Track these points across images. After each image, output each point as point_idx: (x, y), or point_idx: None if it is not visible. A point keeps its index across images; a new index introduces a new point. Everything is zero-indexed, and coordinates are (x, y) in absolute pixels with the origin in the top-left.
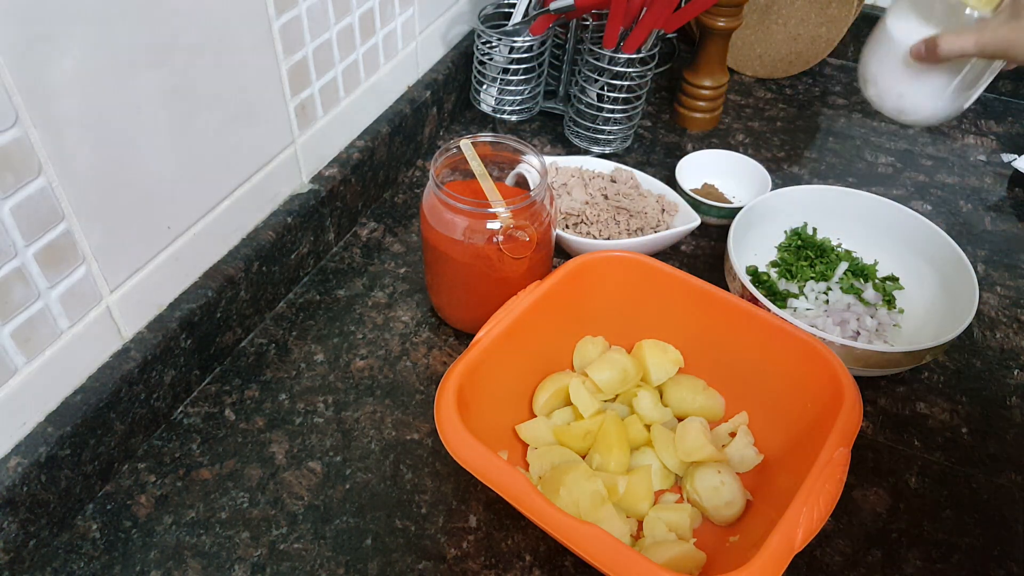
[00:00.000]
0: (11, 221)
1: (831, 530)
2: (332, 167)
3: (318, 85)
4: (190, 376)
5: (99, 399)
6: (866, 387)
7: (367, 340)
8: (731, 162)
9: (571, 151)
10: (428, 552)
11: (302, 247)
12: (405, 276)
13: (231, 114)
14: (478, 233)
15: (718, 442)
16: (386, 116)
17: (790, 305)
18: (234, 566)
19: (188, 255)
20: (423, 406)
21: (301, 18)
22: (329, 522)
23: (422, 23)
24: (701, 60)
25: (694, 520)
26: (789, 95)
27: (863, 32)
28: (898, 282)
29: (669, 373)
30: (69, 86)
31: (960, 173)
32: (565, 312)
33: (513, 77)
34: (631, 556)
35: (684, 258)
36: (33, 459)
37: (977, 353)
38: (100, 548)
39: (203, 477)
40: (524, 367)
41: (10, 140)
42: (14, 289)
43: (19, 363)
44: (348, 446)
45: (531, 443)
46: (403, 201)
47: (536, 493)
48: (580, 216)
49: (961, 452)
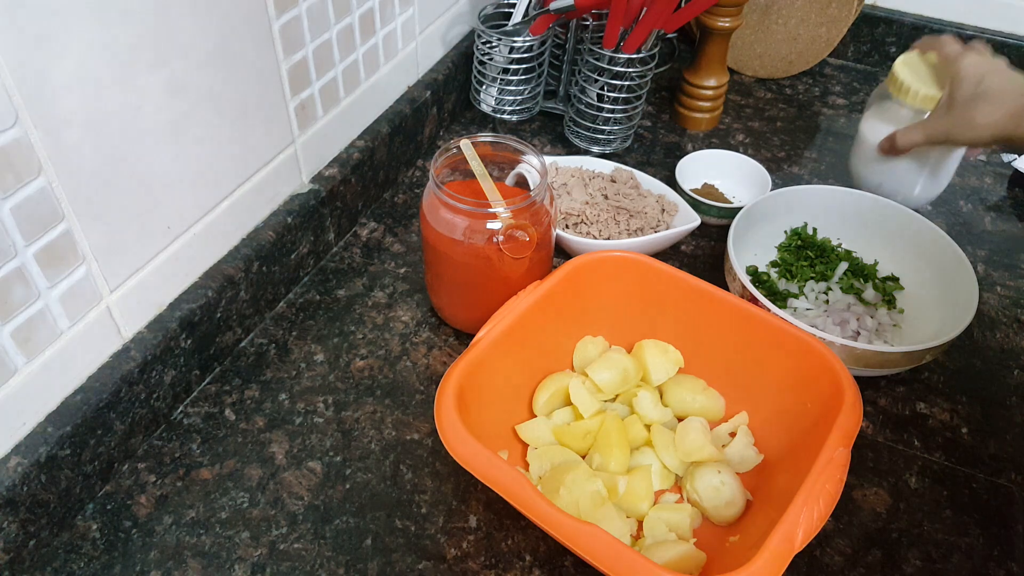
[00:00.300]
0: (11, 221)
1: (831, 530)
2: (332, 167)
3: (318, 85)
4: (190, 376)
5: (99, 399)
6: (866, 387)
7: (367, 340)
8: (731, 162)
9: (571, 151)
10: (428, 552)
11: (302, 247)
12: (405, 276)
13: (231, 114)
14: (478, 233)
15: (718, 442)
16: (386, 116)
17: (790, 305)
18: (234, 566)
19: (188, 255)
20: (423, 406)
21: (301, 18)
22: (329, 522)
23: (422, 23)
24: (701, 60)
25: (694, 520)
26: (789, 95)
27: (863, 32)
28: (898, 282)
29: (669, 373)
30: (69, 86)
31: (960, 173)
32: (565, 312)
33: (513, 77)
34: (631, 556)
35: (684, 258)
36: (33, 459)
37: (977, 353)
38: (100, 548)
39: (203, 477)
40: (524, 367)
41: (10, 140)
42: (14, 289)
43: (19, 363)
44: (348, 446)
45: (531, 443)
46: (403, 201)
47: (536, 493)
48: (580, 216)
49: (961, 452)
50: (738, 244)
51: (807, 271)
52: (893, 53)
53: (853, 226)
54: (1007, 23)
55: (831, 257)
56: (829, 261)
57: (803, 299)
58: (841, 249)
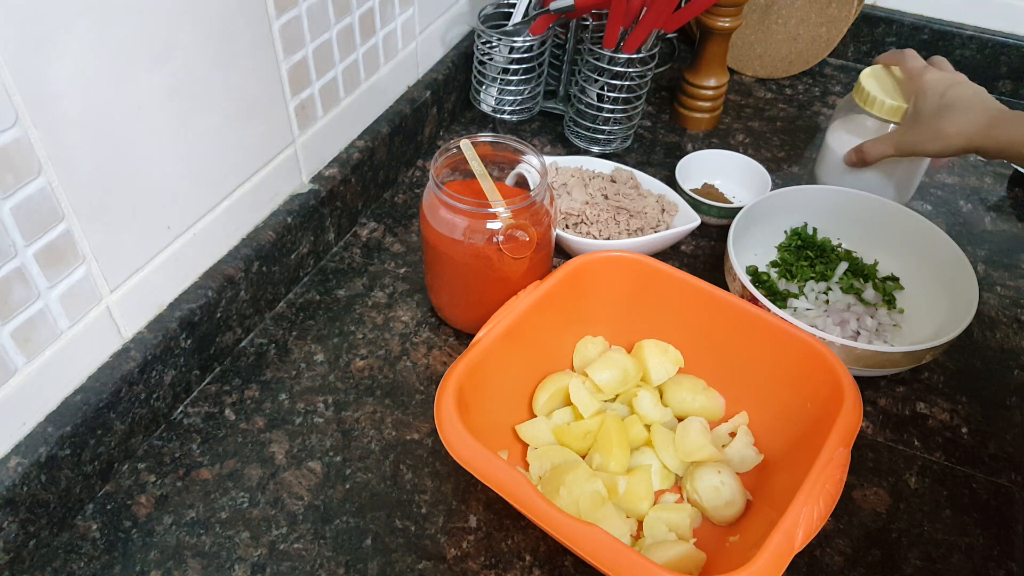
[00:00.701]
0: (11, 221)
1: (831, 530)
2: (332, 167)
3: (318, 85)
4: (190, 376)
5: (99, 399)
6: (866, 387)
7: (367, 340)
8: (731, 162)
9: (571, 151)
10: (428, 552)
11: (302, 247)
12: (405, 276)
13: (231, 114)
14: (478, 233)
15: (718, 442)
16: (386, 116)
17: (790, 305)
18: (234, 566)
19: (188, 255)
20: (423, 406)
21: (301, 18)
22: (329, 522)
23: (422, 23)
24: (701, 60)
25: (694, 520)
26: (789, 95)
27: (863, 32)
28: (898, 282)
29: (669, 373)
30: (69, 86)
31: (960, 173)
32: (565, 312)
33: (513, 77)
34: (631, 556)
35: (684, 258)
36: (33, 459)
37: (977, 353)
38: (100, 548)
39: (203, 477)
40: (524, 367)
41: (10, 140)
42: (14, 289)
43: (19, 363)
44: (348, 446)
45: (531, 443)
46: (403, 201)
47: (536, 493)
48: (580, 216)
49: (961, 452)
50: (738, 244)
51: (807, 271)
52: None
53: (853, 226)
54: (1007, 23)
55: (831, 257)
56: (829, 261)
57: (803, 299)
58: (841, 249)
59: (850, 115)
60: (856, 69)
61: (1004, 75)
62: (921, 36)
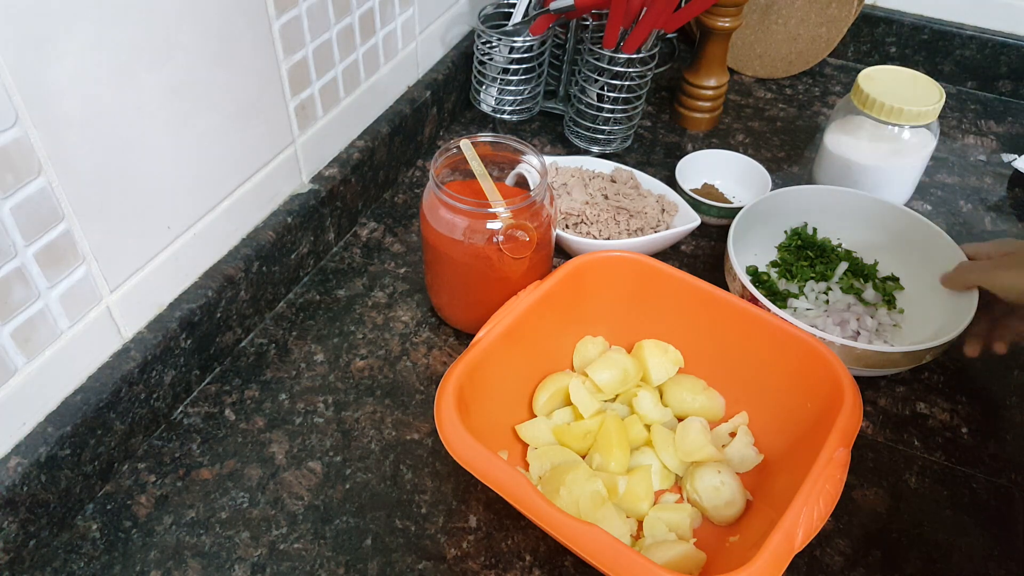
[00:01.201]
0: (11, 221)
1: (831, 530)
2: (332, 167)
3: (318, 85)
4: (190, 376)
5: (99, 399)
6: (866, 387)
7: (367, 340)
8: (731, 162)
9: (571, 151)
10: (428, 552)
11: (302, 247)
12: (405, 276)
13: (231, 114)
14: (478, 233)
15: (718, 442)
16: (386, 116)
17: (790, 305)
18: (234, 566)
19: (188, 255)
20: (423, 406)
21: (301, 18)
22: (329, 522)
23: (422, 23)
24: (701, 60)
25: (694, 520)
26: (789, 95)
27: (863, 32)
28: (898, 282)
29: (669, 373)
30: (69, 86)
31: (960, 173)
32: (565, 312)
33: (513, 77)
34: (631, 556)
35: (684, 258)
36: (33, 459)
37: None
38: (100, 548)
39: (203, 477)
40: (524, 367)
41: (10, 140)
42: (14, 289)
43: (19, 363)
44: (348, 446)
45: (531, 443)
46: (403, 201)
47: (536, 493)
48: (580, 216)
49: (961, 452)
50: (738, 244)
51: (807, 271)
52: (893, 53)
53: (853, 226)
54: (1007, 23)
55: (831, 257)
56: (829, 261)
57: (803, 299)
58: (841, 249)
59: (848, 117)
60: (856, 69)
61: (1004, 75)
62: (921, 36)
